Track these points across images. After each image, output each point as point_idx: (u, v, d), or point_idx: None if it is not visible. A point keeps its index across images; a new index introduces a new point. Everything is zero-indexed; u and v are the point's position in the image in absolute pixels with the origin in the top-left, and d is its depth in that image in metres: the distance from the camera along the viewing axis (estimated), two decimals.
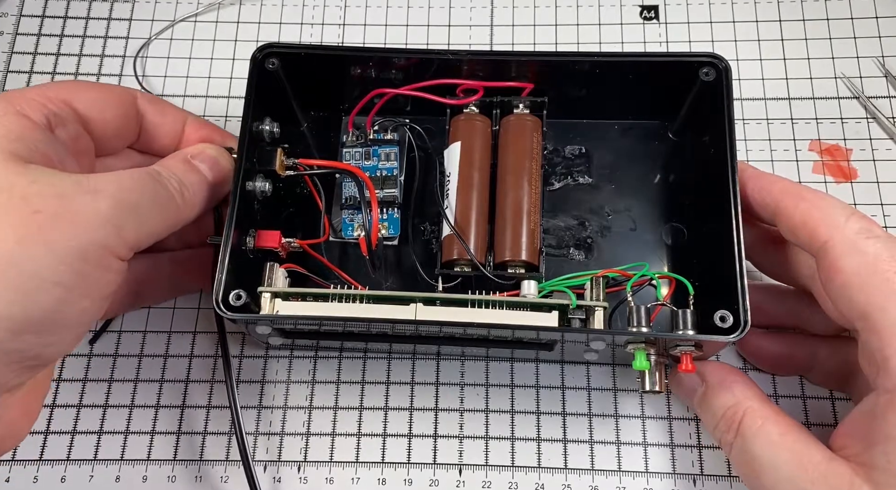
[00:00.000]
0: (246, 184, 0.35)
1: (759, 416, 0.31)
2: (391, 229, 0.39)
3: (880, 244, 0.30)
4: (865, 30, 0.46)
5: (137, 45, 0.48)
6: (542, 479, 0.37)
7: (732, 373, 0.33)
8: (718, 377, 0.33)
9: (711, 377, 0.33)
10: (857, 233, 0.30)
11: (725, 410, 0.32)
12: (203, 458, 0.38)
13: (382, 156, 0.39)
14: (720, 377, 0.33)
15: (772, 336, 0.38)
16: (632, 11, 0.48)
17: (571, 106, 0.40)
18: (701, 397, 0.34)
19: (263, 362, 0.40)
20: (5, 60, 0.47)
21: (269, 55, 0.38)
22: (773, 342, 0.38)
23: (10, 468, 0.38)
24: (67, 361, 0.40)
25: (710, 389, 0.33)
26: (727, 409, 0.32)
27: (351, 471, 0.38)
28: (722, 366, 0.34)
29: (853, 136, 0.44)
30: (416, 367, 0.40)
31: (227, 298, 0.33)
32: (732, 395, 0.32)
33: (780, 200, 0.33)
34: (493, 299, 0.33)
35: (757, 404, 0.31)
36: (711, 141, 0.36)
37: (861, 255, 0.30)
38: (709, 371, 0.33)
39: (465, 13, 0.48)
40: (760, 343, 0.38)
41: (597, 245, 0.40)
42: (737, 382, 0.33)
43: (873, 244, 0.30)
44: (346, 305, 0.33)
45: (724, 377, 0.33)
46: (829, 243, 0.30)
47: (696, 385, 0.34)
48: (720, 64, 0.36)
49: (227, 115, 0.46)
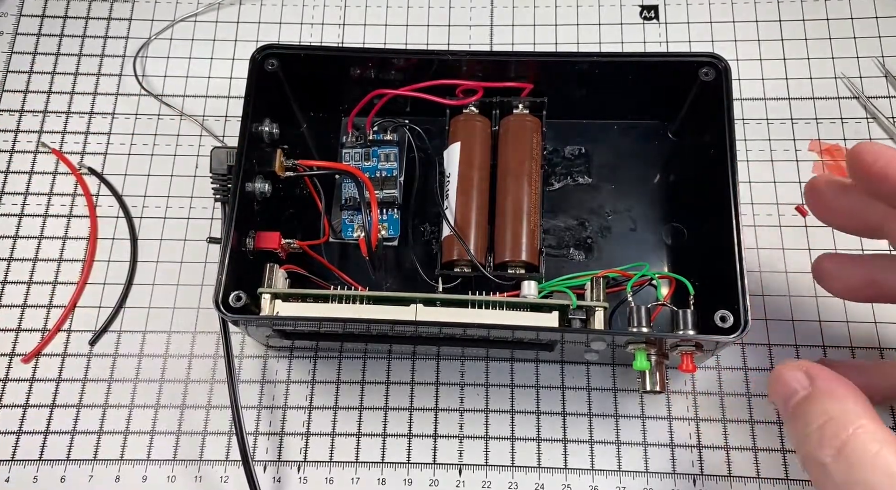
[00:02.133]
0: (245, 185, 0.35)
1: (875, 440, 0.25)
2: (391, 230, 0.39)
3: None
4: (865, 30, 0.46)
5: (137, 45, 0.48)
6: (542, 479, 0.37)
7: (847, 385, 0.28)
8: (829, 384, 0.28)
9: (821, 382, 0.28)
10: None
11: (826, 421, 0.27)
12: (203, 458, 0.38)
13: (382, 156, 0.39)
14: (831, 384, 0.28)
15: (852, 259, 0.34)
16: (632, 11, 0.48)
17: (571, 106, 0.40)
18: (799, 401, 0.28)
19: (263, 362, 0.40)
20: (5, 60, 0.47)
21: (269, 56, 0.38)
22: (854, 265, 0.34)
23: (9, 468, 0.38)
24: (67, 361, 0.40)
25: (816, 395, 0.28)
26: (828, 420, 0.27)
27: (351, 471, 0.38)
28: (836, 375, 0.29)
29: (853, 136, 0.44)
30: (416, 367, 0.40)
31: (227, 299, 0.33)
32: (842, 406, 0.27)
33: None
34: (494, 300, 0.33)
35: (872, 425, 0.26)
36: (711, 141, 0.36)
37: None
38: (819, 375, 0.28)
39: (465, 13, 0.48)
40: (840, 266, 0.34)
41: (597, 245, 0.40)
42: (849, 395, 0.27)
43: None
44: (346, 306, 0.33)
45: (836, 386, 0.28)
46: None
47: (801, 387, 0.28)
48: (720, 64, 0.36)
49: (226, 115, 0.46)
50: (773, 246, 0.41)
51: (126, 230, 0.43)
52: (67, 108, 0.46)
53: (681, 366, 0.32)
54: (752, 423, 0.38)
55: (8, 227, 0.43)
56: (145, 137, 0.45)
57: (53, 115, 0.46)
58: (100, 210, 0.43)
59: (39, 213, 0.43)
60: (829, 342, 0.39)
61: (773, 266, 0.41)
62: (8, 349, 0.40)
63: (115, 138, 0.45)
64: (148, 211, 0.43)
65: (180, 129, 0.45)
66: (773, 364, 0.39)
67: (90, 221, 0.43)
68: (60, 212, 0.43)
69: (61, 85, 0.47)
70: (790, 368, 0.29)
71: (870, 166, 0.30)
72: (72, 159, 0.44)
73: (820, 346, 0.39)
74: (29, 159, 0.45)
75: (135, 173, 0.44)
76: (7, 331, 0.41)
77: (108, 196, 0.44)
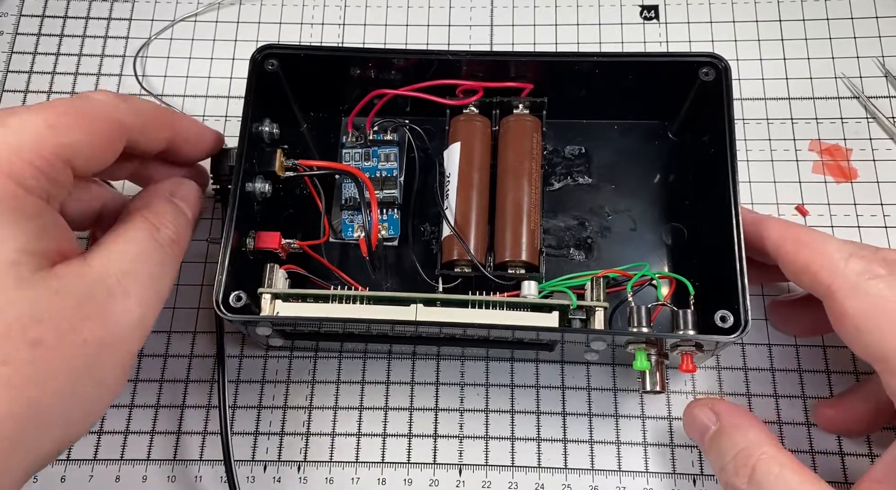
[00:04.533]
0: (246, 185, 0.35)
1: (777, 463, 0.29)
2: (391, 230, 0.39)
3: (882, 284, 0.30)
4: (865, 30, 0.46)
5: (137, 44, 0.48)
6: (542, 479, 0.37)
7: (748, 417, 0.32)
8: (733, 419, 0.32)
9: (726, 418, 0.32)
10: (859, 275, 0.30)
11: (737, 453, 0.31)
12: (203, 458, 0.38)
13: (382, 156, 0.39)
14: (735, 419, 0.32)
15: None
16: (632, 11, 0.48)
17: (571, 106, 0.40)
18: (712, 436, 0.32)
19: (263, 362, 0.40)
20: (5, 60, 0.47)
21: (269, 56, 0.38)
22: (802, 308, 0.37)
23: None
24: None
25: (723, 429, 0.32)
26: (739, 451, 0.30)
27: (351, 471, 0.38)
28: (737, 408, 0.33)
29: (853, 136, 0.44)
30: (416, 367, 0.40)
31: (227, 300, 0.33)
32: (746, 437, 0.31)
33: (780, 246, 0.33)
34: (494, 300, 0.33)
35: (773, 450, 0.30)
36: (711, 141, 0.36)
37: (865, 297, 0.29)
38: (724, 411, 0.32)
39: (465, 13, 0.48)
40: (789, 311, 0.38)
41: (597, 245, 0.40)
42: (752, 426, 0.31)
43: (875, 285, 0.30)
44: (346, 306, 0.33)
45: (739, 420, 0.32)
46: (833, 287, 0.30)
47: (710, 423, 0.32)
48: (720, 64, 0.36)
49: (226, 115, 0.46)
50: None
51: None
52: None
53: (681, 366, 0.33)
54: None
55: None
56: None
57: None
58: None
59: None
60: (829, 342, 0.39)
61: None
62: None
63: None
64: None
65: None
66: (774, 364, 0.39)
67: None
68: None
69: (61, 85, 0.47)
70: (699, 407, 0.33)
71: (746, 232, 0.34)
72: None
73: (820, 347, 0.39)
74: None
75: None
76: None
77: None
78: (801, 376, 0.39)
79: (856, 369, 0.39)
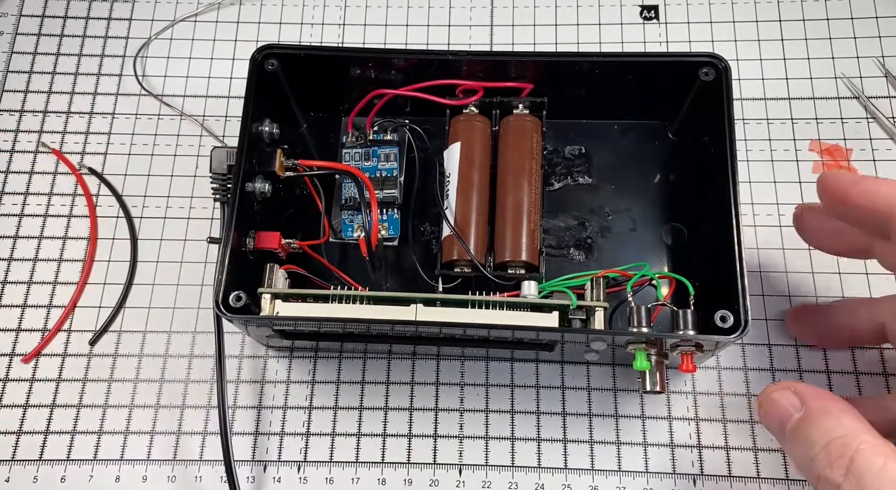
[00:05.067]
0: (245, 185, 0.35)
1: (879, 454, 0.26)
2: (391, 230, 0.39)
3: None
4: (865, 30, 0.46)
5: (137, 44, 0.48)
6: (542, 479, 0.37)
7: (837, 400, 0.28)
8: (822, 403, 0.28)
9: (813, 401, 0.28)
10: None
11: (829, 442, 0.27)
12: (203, 458, 0.38)
13: (382, 156, 0.39)
14: (824, 403, 0.28)
15: None
16: (632, 11, 0.48)
17: (571, 106, 0.40)
18: (797, 423, 0.28)
19: (263, 362, 0.40)
20: (5, 60, 0.47)
21: (269, 56, 0.38)
22: None
23: (10, 468, 0.38)
24: (67, 361, 0.40)
25: (811, 415, 0.28)
26: (832, 440, 0.27)
27: (351, 471, 0.38)
28: (824, 391, 0.29)
29: (853, 136, 0.44)
30: (416, 367, 0.40)
31: (227, 299, 0.33)
32: (840, 424, 0.27)
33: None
34: (494, 300, 0.33)
35: (873, 439, 0.26)
36: (711, 141, 0.36)
37: None
38: (810, 395, 0.29)
39: (465, 13, 0.48)
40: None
41: (597, 245, 0.40)
42: (845, 412, 0.28)
43: None
44: (346, 306, 0.33)
45: (829, 404, 0.28)
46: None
47: (794, 409, 0.29)
48: (720, 64, 0.36)
49: (226, 115, 0.46)
50: (773, 246, 0.41)
51: (126, 230, 0.43)
52: (67, 108, 0.46)
53: (681, 366, 0.32)
54: (752, 423, 0.38)
55: (8, 227, 0.43)
56: (145, 137, 0.45)
57: (53, 115, 0.46)
58: (100, 210, 0.43)
59: (39, 214, 0.43)
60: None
61: (773, 266, 0.41)
62: (8, 349, 0.40)
63: (116, 138, 0.45)
64: (148, 211, 0.43)
65: (180, 129, 0.45)
66: (773, 364, 0.39)
67: (90, 221, 0.43)
68: (60, 212, 0.43)
69: (61, 85, 0.47)
70: (778, 390, 0.29)
71: (832, 194, 0.31)
72: (72, 159, 0.44)
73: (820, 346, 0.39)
74: (29, 159, 0.45)
75: (135, 173, 0.44)
76: (7, 331, 0.41)
77: (109, 196, 0.44)
78: (801, 376, 0.39)
79: (856, 369, 0.39)
